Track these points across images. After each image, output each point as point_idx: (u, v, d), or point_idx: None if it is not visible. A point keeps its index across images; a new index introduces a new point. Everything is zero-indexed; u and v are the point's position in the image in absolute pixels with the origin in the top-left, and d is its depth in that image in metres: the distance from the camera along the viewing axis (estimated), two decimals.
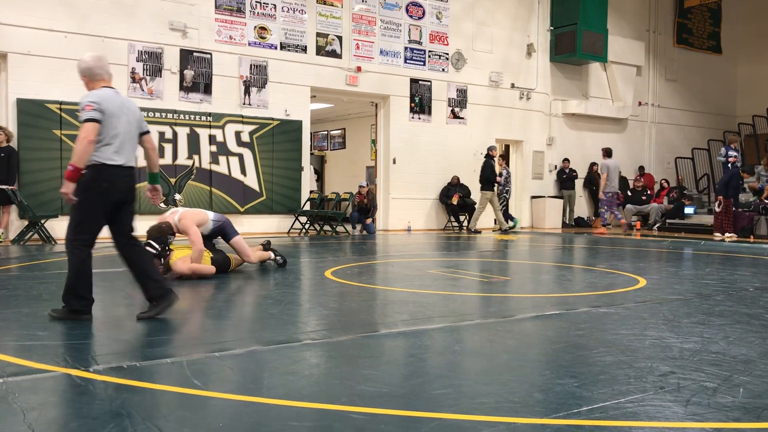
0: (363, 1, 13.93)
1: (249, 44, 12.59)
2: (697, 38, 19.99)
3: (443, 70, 15.04)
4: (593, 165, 17.20)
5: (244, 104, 12.53)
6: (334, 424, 2.43)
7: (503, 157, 15.25)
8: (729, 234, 12.90)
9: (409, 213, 14.70)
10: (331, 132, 21.44)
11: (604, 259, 8.89)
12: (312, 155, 18.49)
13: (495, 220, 15.05)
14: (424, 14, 14.75)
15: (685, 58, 19.68)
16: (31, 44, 10.46)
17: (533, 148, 16.64)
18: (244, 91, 12.53)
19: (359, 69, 13.78)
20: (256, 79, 12.65)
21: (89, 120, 4.07)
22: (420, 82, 14.69)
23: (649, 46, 18.72)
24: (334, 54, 13.54)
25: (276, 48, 12.88)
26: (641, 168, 18.03)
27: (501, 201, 14.67)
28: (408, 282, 6.45)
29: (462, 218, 15.19)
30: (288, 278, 6.49)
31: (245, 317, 4.70)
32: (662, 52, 19.14)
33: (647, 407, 2.65)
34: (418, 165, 14.70)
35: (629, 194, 17.11)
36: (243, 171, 12.52)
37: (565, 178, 16.83)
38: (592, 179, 17.16)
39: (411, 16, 14.57)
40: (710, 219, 14.07)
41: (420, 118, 14.75)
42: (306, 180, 13.55)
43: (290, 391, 2.82)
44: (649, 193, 17.00)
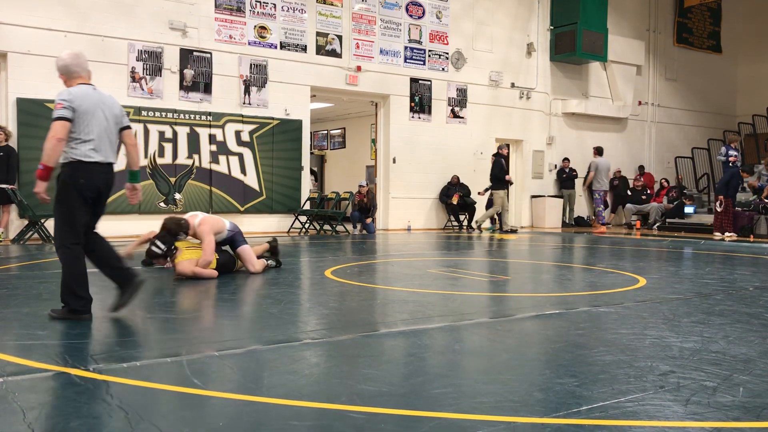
0: (363, 1, 13.92)
1: (249, 44, 12.59)
2: (697, 37, 19.99)
3: (443, 70, 15.04)
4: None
5: (244, 104, 12.53)
6: (334, 424, 2.43)
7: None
8: (729, 233, 12.91)
9: (409, 212, 14.69)
10: (331, 131, 21.43)
11: (604, 259, 8.89)
12: (312, 155, 18.49)
13: (495, 219, 15.00)
14: (424, 14, 14.75)
15: (685, 58, 19.68)
16: (31, 44, 10.46)
17: (533, 148, 16.64)
18: (244, 91, 12.53)
19: (359, 68, 13.78)
20: (256, 79, 12.65)
21: (58, 118, 4.09)
22: (420, 82, 14.69)
23: (649, 46, 18.72)
24: (334, 53, 13.53)
25: (276, 47, 12.87)
26: (641, 167, 18.04)
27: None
28: (408, 281, 6.45)
29: (462, 218, 15.17)
30: (288, 278, 6.49)
31: (245, 316, 4.70)
32: (662, 52, 19.14)
33: (647, 406, 2.65)
34: (418, 164, 14.69)
35: (629, 193, 17.13)
36: (243, 170, 12.52)
37: (565, 178, 16.83)
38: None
39: (411, 16, 14.57)
40: (710, 218, 14.07)
41: (420, 118, 14.75)
42: (306, 180, 13.55)
43: (290, 391, 2.82)
44: (649, 193, 17.01)
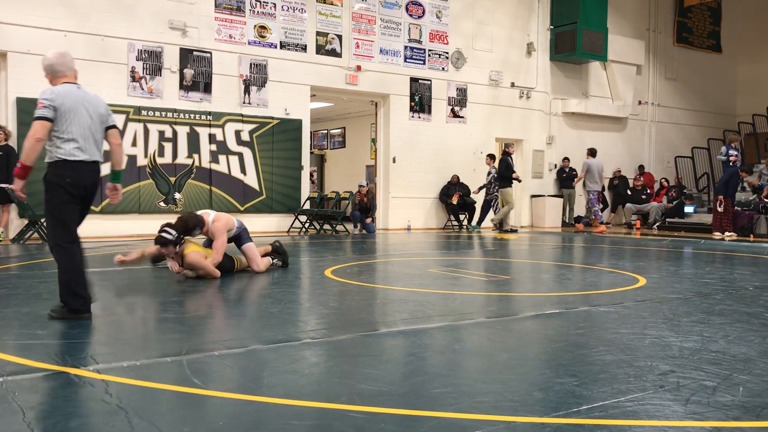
0: (363, 0, 13.92)
1: (249, 43, 12.58)
2: (697, 37, 19.99)
3: (443, 69, 15.04)
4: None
5: (244, 103, 12.52)
6: (334, 423, 2.43)
7: (491, 157, 14.66)
8: (729, 233, 12.91)
9: (409, 212, 14.69)
10: (331, 131, 21.42)
11: (604, 258, 8.90)
12: (312, 154, 18.49)
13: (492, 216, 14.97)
14: (424, 13, 14.74)
15: (685, 57, 19.68)
16: (31, 43, 10.45)
17: (533, 147, 16.64)
18: (244, 90, 12.53)
19: (359, 68, 13.77)
20: (256, 78, 12.64)
21: (38, 118, 4.10)
22: (420, 81, 14.69)
23: (649, 45, 18.72)
24: (334, 53, 13.53)
25: (276, 47, 12.87)
26: (641, 167, 18.05)
27: (492, 201, 14.51)
28: (408, 281, 6.45)
29: (462, 217, 15.17)
30: (288, 277, 6.49)
31: (245, 316, 4.69)
32: (662, 51, 19.13)
33: (647, 406, 2.65)
34: (418, 164, 14.69)
35: (629, 193, 17.13)
36: (243, 170, 12.52)
37: (565, 177, 16.83)
38: None
39: (411, 15, 14.56)
40: (710, 218, 14.07)
41: (420, 117, 14.75)
42: (306, 180, 13.55)
43: (290, 390, 2.82)
44: (649, 192, 17.01)
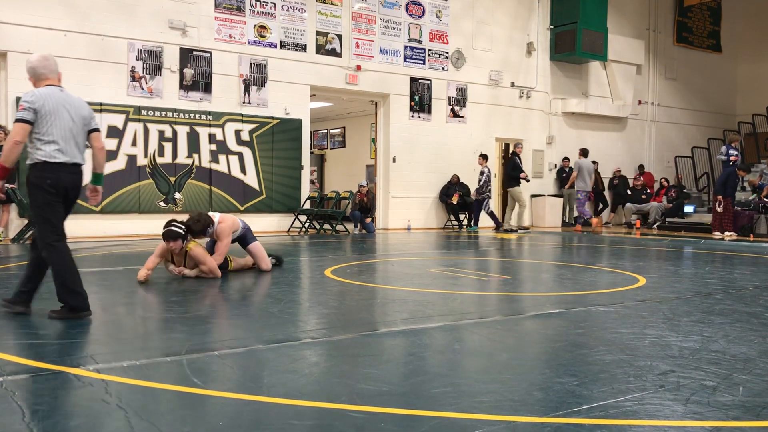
0: (363, 0, 13.92)
1: (249, 43, 12.58)
2: (697, 37, 19.99)
3: (443, 69, 15.04)
4: (594, 164, 17.16)
5: (244, 103, 12.52)
6: (334, 423, 2.43)
7: (484, 157, 14.21)
8: (728, 233, 12.91)
9: (409, 212, 14.69)
10: (331, 131, 21.42)
11: (604, 258, 8.90)
12: (312, 154, 18.48)
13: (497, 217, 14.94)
14: (424, 13, 14.74)
15: (685, 57, 19.67)
16: (31, 43, 10.44)
17: (533, 147, 16.63)
18: (244, 90, 12.52)
19: (359, 68, 13.77)
20: (256, 78, 12.64)
21: (18, 120, 4.13)
22: (420, 81, 14.69)
23: (649, 45, 18.71)
24: (334, 53, 13.53)
25: (276, 47, 12.87)
26: (641, 167, 18.05)
27: (483, 202, 14.16)
28: (408, 281, 6.45)
29: (462, 217, 15.16)
30: (288, 277, 6.49)
31: (245, 316, 4.69)
32: (662, 51, 19.13)
33: (647, 406, 2.65)
34: (418, 164, 14.69)
35: (629, 193, 17.13)
36: (243, 170, 12.52)
37: (565, 177, 16.82)
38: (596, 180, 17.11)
39: (411, 15, 14.56)
40: (710, 218, 14.07)
41: (420, 117, 14.75)
42: (306, 180, 13.55)
43: (290, 390, 2.82)
44: (649, 192, 17.01)
